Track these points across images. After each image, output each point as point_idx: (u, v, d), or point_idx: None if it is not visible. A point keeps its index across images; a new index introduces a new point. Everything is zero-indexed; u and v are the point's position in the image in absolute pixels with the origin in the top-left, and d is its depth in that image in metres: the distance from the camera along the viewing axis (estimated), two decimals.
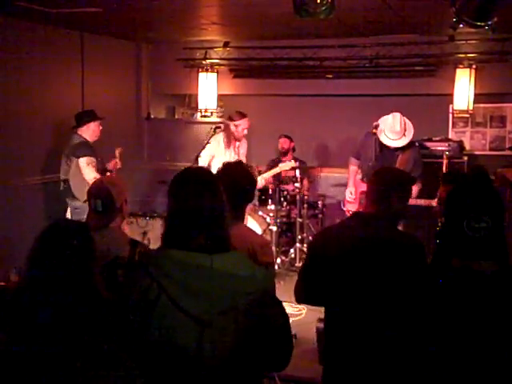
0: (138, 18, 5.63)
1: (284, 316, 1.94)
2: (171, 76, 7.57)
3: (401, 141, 5.08)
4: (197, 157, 6.00)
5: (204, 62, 7.13)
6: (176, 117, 8.36)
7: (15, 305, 1.91)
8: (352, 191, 5.55)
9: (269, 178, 6.04)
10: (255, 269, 1.84)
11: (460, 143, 6.69)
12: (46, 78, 6.02)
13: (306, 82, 7.13)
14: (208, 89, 7.15)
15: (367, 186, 2.79)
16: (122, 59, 7.33)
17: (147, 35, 7.01)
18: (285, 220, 6.47)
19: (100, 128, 5.57)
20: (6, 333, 1.83)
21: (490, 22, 3.31)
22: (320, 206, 6.60)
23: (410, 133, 5.11)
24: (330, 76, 6.94)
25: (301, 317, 4.94)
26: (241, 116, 5.59)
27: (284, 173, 6.36)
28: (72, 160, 5.35)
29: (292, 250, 6.45)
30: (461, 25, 3.37)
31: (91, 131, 5.50)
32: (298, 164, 6.11)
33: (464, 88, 6.27)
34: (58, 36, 6.11)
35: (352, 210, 5.14)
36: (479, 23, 3.32)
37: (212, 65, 7.18)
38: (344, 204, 5.67)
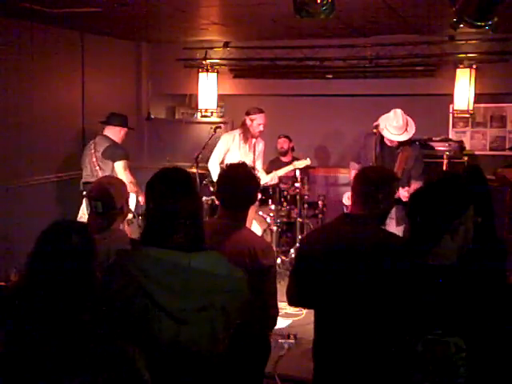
0: (138, 18, 5.63)
1: (258, 317, 1.95)
2: (171, 76, 7.57)
3: (403, 135, 5.06)
4: (197, 157, 6.01)
5: (204, 62, 7.13)
6: (176, 117, 8.36)
7: (14, 304, 1.91)
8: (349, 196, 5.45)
9: (281, 176, 6.02)
10: (232, 269, 1.86)
11: (460, 143, 6.69)
12: (46, 78, 6.02)
13: (306, 82, 7.13)
14: (208, 89, 7.15)
15: (352, 187, 2.75)
16: (122, 59, 7.34)
17: (147, 35, 7.01)
18: (285, 220, 6.47)
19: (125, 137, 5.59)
20: (5, 332, 1.83)
21: (491, 22, 3.31)
22: (320, 206, 6.60)
23: (412, 128, 5.10)
24: (330, 76, 6.94)
25: (301, 317, 4.94)
26: (257, 111, 5.59)
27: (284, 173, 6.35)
28: (107, 163, 5.27)
29: (292, 250, 6.44)
30: (461, 25, 3.37)
31: (121, 136, 5.50)
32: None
33: (464, 88, 6.27)
34: (58, 36, 6.11)
35: None
36: (479, 23, 3.31)
37: (212, 65, 7.17)
38: (348, 208, 5.54)
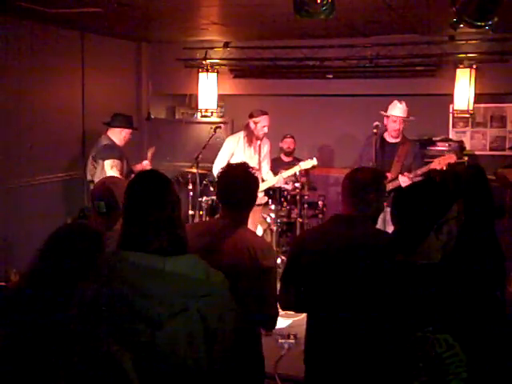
0: (138, 18, 5.63)
1: (240, 321, 1.92)
2: (171, 76, 7.57)
3: (406, 112, 5.28)
4: (197, 157, 6.01)
5: (204, 62, 7.12)
6: (176, 117, 8.36)
7: (18, 302, 1.91)
8: None
9: (287, 178, 5.97)
10: (211, 273, 1.82)
11: (460, 143, 6.69)
12: (46, 78, 6.02)
13: (306, 82, 7.12)
14: (208, 89, 7.15)
15: (342, 188, 2.75)
16: (122, 59, 7.33)
17: (147, 35, 7.01)
18: (285, 220, 6.46)
19: (130, 137, 5.62)
20: (8, 329, 1.83)
21: (491, 22, 3.31)
22: (320, 206, 6.60)
23: (406, 112, 5.33)
24: (330, 76, 6.94)
25: (301, 317, 4.93)
26: (260, 113, 5.54)
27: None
28: (98, 162, 5.37)
29: None
30: (461, 25, 3.37)
31: (122, 137, 5.56)
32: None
33: (464, 88, 6.27)
34: (58, 36, 6.11)
35: None
36: (479, 23, 3.31)
37: (212, 65, 7.17)
38: None
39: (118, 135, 5.54)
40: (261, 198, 5.52)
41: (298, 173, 6.08)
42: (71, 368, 1.67)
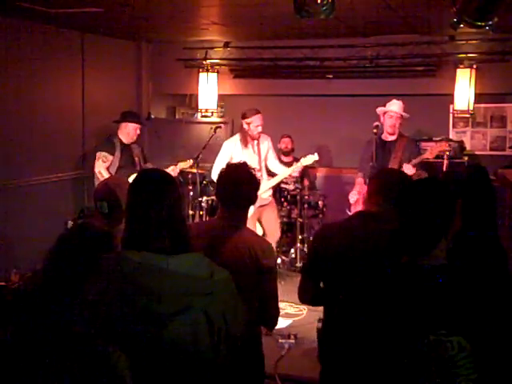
0: (138, 18, 5.63)
1: (245, 319, 1.92)
2: (171, 76, 7.57)
3: (402, 109, 5.32)
4: (197, 157, 6.01)
5: (204, 62, 7.13)
6: (176, 117, 8.36)
7: (26, 303, 1.91)
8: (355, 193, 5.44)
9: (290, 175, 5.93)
10: (213, 270, 1.81)
11: (460, 143, 6.69)
12: (46, 78, 6.02)
13: (306, 82, 7.13)
14: (208, 89, 7.15)
15: (368, 187, 2.81)
16: (122, 59, 7.33)
17: (147, 35, 7.01)
18: (285, 220, 6.47)
19: (137, 132, 5.69)
20: (13, 330, 1.83)
21: (491, 22, 3.31)
22: (320, 206, 6.60)
23: (402, 109, 5.36)
24: (330, 76, 6.94)
25: (301, 317, 4.94)
26: (252, 113, 5.44)
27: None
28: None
29: (292, 250, 6.45)
30: (461, 25, 3.37)
31: (126, 132, 5.66)
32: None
33: (464, 88, 6.27)
34: (58, 36, 6.11)
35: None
36: (480, 23, 3.31)
37: (212, 65, 7.17)
38: (350, 209, 5.50)
39: (123, 131, 5.66)
40: (263, 200, 5.47)
41: (297, 171, 6.04)
42: (65, 369, 1.67)
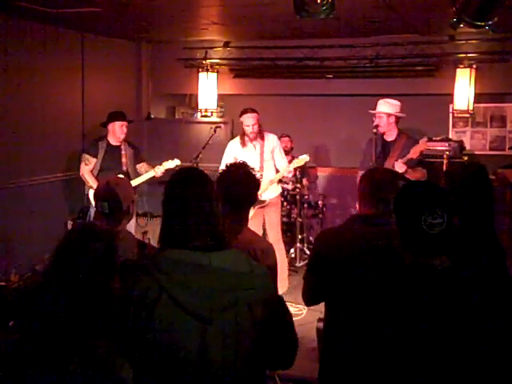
0: (138, 18, 5.63)
1: (287, 313, 1.95)
2: (171, 76, 7.57)
3: (390, 108, 5.21)
4: (197, 157, 6.00)
5: (204, 62, 7.13)
6: (176, 117, 8.36)
7: (30, 303, 1.92)
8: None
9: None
10: (254, 266, 1.85)
11: (460, 143, 6.69)
12: (46, 78, 6.02)
13: (306, 82, 7.13)
14: (208, 89, 7.15)
15: (360, 189, 2.78)
16: (122, 59, 7.33)
17: (147, 35, 7.01)
18: (285, 220, 6.47)
19: (124, 130, 5.64)
20: (18, 329, 1.83)
21: (490, 22, 3.31)
22: (320, 206, 6.60)
23: (391, 108, 5.24)
24: (330, 76, 6.94)
25: (301, 317, 4.94)
26: (243, 112, 5.42)
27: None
28: None
29: (292, 250, 6.46)
30: (461, 25, 3.37)
31: (112, 132, 5.65)
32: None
33: (464, 88, 6.27)
34: (58, 36, 6.11)
35: None
36: (479, 23, 3.32)
37: (212, 65, 7.17)
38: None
39: (110, 132, 5.65)
40: (263, 200, 5.46)
41: (298, 173, 6.07)
42: (68, 375, 1.67)
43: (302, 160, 5.63)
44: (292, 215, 6.50)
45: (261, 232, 5.65)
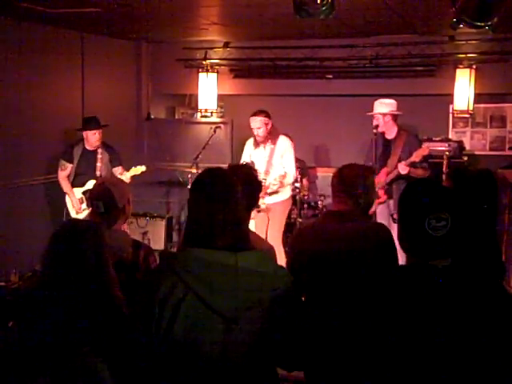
0: (138, 18, 5.63)
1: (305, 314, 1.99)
2: (171, 76, 7.57)
3: (386, 107, 5.25)
4: (196, 157, 6.00)
5: (204, 62, 7.12)
6: (176, 117, 8.35)
7: (28, 303, 1.92)
8: None
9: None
10: (276, 267, 1.89)
11: (460, 143, 6.69)
12: (46, 79, 6.02)
13: (306, 82, 7.13)
14: (208, 89, 7.15)
15: (331, 186, 2.82)
16: (122, 59, 7.33)
17: (147, 35, 7.01)
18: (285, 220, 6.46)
19: (97, 136, 5.65)
20: (18, 328, 1.84)
21: (490, 22, 3.31)
22: (320, 206, 6.60)
23: (386, 107, 5.27)
24: (330, 76, 6.94)
25: None
26: (251, 114, 5.32)
27: None
28: None
29: None
30: (461, 25, 3.37)
31: (86, 139, 5.68)
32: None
33: (464, 88, 6.27)
34: (58, 36, 6.11)
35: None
36: (479, 23, 3.31)
37: (212, 65, 7.17)
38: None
39: (85, 138, 5.71)
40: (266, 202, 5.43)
41: (298, 173, 6.07)
42: (47, 379, 1.69)
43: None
44: (292, 215, 6.50)
45: (264, 234, 5.65)
